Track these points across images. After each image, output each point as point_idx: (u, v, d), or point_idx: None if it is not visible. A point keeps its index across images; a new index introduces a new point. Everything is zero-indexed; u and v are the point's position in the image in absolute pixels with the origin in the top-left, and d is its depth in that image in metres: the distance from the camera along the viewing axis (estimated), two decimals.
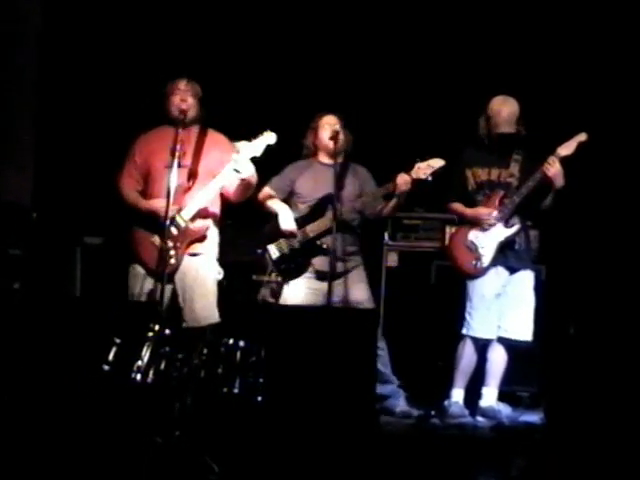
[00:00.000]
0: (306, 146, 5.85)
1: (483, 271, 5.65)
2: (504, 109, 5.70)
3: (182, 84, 5.40)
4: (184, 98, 5.36)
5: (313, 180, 5.72)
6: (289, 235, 5.67)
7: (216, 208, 5.44)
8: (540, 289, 5.83)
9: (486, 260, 5.65)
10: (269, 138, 5.27)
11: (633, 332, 5.69)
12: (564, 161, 5.56)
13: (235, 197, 5.42)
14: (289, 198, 5.80)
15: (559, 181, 5.59)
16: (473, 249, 5.67)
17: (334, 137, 5.57)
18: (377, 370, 5.42)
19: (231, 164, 5.21)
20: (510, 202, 5.64)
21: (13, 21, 6.68)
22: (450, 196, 5.82)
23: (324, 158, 5.74)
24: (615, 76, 6.57)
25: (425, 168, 5.48)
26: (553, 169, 5.55)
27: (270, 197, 5.78)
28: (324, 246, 5.56)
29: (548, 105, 6.36)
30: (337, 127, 5.66)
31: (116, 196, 5.48)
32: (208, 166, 5.35)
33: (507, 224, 5.68)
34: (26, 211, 6.25)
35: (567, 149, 5.58)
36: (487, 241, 5.66)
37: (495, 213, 5.65)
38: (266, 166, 5.47)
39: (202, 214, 5.33)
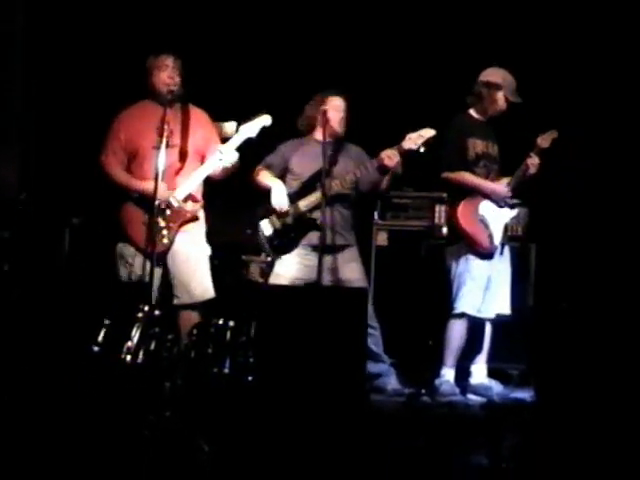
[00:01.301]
0: (305, 118, 5.82)
1: (495, 249, 5.66)
2: (512, 78, 5.69)
3: (169, 60, 5.33)
4: (172, 76, 5.30)
5: (307, 157, 5.70)
6: (280, 212, 5.65)
7: (200, 191, 5.44)
8: (521, 264, 5.91)
9: (497, 238, 5.66)
10: (264, 120, 5.29)
11: (625, 309, 5.70)
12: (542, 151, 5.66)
13: (217, 178, 5.41)
14: (283, 175, 5.78)
15: (536, 172, 5.68)
16: (486, 224, 5.65)
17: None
18: (368, 349, 5.42)
19: (217, 155, 5.24)
20: (512, 184, 5.67)
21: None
22: (454, 164, 5.69)
23: (320, 135, 5.69)
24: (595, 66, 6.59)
25: (416, 138, 5.44)
26: (536, 167, 5.64)
27: (266, 176, 5.76)
28: (317, 221, 5.54)
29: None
30: (343, 111, 5.72)
31: (102, 175, 5.41)
32: (196, 145, 5.35)
33: (510, 206, 5.76)
34: (14, 192, 6.23)
35: (545, 142, 5.65)
36: (497, 219, 5.67)
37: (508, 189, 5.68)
38: (259, 146, 5.48)
39: (193, 197, 5.35)
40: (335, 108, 5.70)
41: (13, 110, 6.69)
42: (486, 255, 5.65)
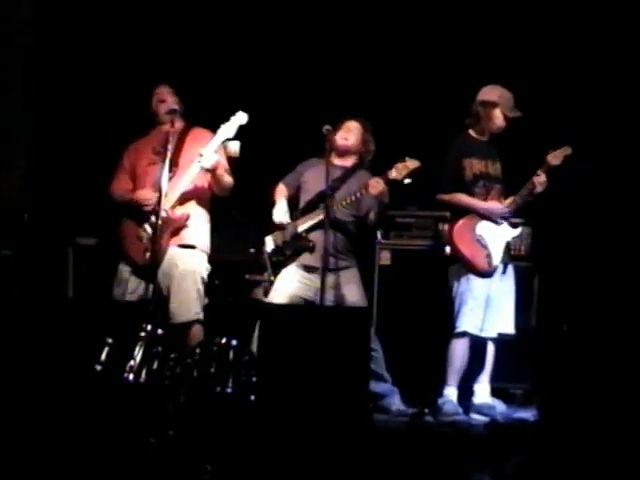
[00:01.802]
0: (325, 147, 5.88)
1: (495, 269, 5.65)
2: (510, 95, 5.71)
3: (161, 87, 5.65)
4: (165, 100, 5.59)
5: (318, 176, 5.70)
6: (280, 227, 5.72)
7: (204, 205, 5.57)
8: (524, 284, 5.87)
9: (496, 258, 5.65)
10: (240, 119, 5.42)
11: (626, 329, 5.69)
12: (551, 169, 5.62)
13: (217, 190, 5.55)
14: (298, 191, 5.86)
15: (543, 190, 5.64)
16: (484, 244, 5.65)
17: (326, 135, 5.59)
18: (371, 369, 5.42)
19: (197, 158, 5.37)
20: (513, 202, 5.66)
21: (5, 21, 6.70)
22: (449, 186, 5.71)
23: (335, 158, 5.74)
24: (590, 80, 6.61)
25: (401, 168, 5.45)
26: (543, 185, 5.60)
27: (278, 193, 5.85)
28: (310, 244, 5.58)
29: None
30: (352, 131, 5.75)
31: (110, 202, 5.64)
32: (189, 158, 5.46)
33: (512, 224, 5.71)
34: (17, 212, 6.25)
35: (556, 159, 5.62)
36: (497, 238, 5.66)
37: (505, 208, 5.67)
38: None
39: (181, 202, 5.44)
40: (346, 130, 5.76)
41: (17, 133, 6.72)
42: (485, 275, 5.64)
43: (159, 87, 5.66)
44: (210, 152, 5.37)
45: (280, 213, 5.73)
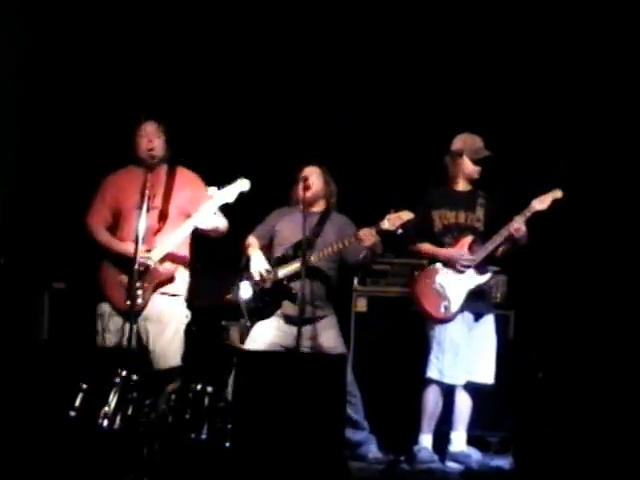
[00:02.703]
0: (290, 196, 5.90)
1: (452, 316, 5.65)
2: (476, 138, 5.76)
3: (148, 126, 5.46)
4: (151, 140, 5.43)
5: (291, 225, 5.74)
6: (259, 279, 5.69)
7: (186, 251, 5.50)
8: (500, 332, 5.86)
9: (455, 306, 5.64)
10: (242, 185, 5.38)
11: (602, 377, 5.70)
12: (535, 215, 5.60)
13: (211, 235, 5.48)
14: (271, 242, 5.85)
15: (523, 240, 5.64)
16: (442, 292, 5.67)
17: (304, 187, 5.61)
18: (348, 417, 5.40)
19: (193, 219, 5.32)
20: (482, 249, 5.66)
21: None
22: (416, 238, 5.78)
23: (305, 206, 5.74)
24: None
25: (394, 219, 5.49)
26: (520, 232, 5.58)
27: (250, 245, 5.84)
28: (293, 291, 5.57)
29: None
30: (311, 176, 5.72)
31: (86, 235, 5.50)
32: (179, 205, 5.43)
33: (479, 271, 5.70)
34: None
35: (542, 204, 5.61)
36: (457, 286, 5.66)
37: (468, 254, 5.67)
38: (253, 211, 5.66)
39: (171, 257, 5.37)
40: (307, 175, 5.73)
41: None
42: (440, 322, 5.65)
43: (146, 124, 5.48)
44: (208, 214, 5.32)
45: (258, 265, 5.71)
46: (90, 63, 6.95)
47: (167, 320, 5.37)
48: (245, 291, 5.72)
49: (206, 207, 5.33)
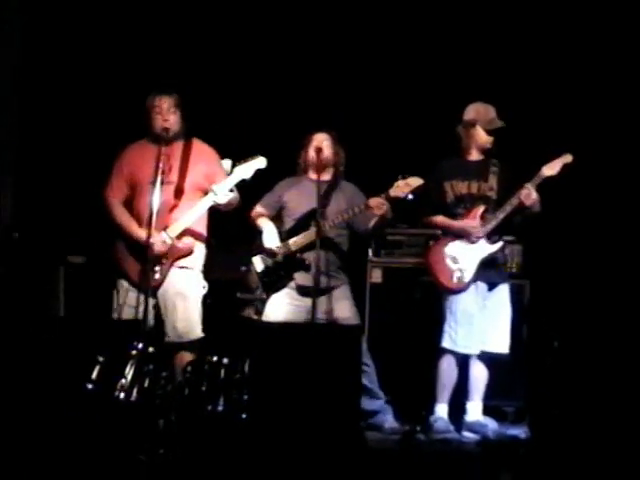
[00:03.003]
0: (298, 163, 5.88)
1: (465, 286, 5.64)
2: (490, 108, 5.72)
3: (163, 101, 5.40)
4: (166, 116, 5.38)
5: (300, 195, 5.74)
6: (271, 253, 5.68)
7: (202, 227, 5.50)
8: (515, 301, 5.84)
9: (468, 275, 5.63)
10: (259, 162, 5.38)
11: (617, 345, 5.69)
12: (546, 181, 5.57)
13: (223, 209, 5.45)
14: (279, 213, 5.84)
15: (536, 207, 5.62)
16: (455, 263, 5.66)
17: (317, 152, 5.61)
18: (363, 386, 5.41)
19: (210, 196, 5.31)
20: (493, 218, 5.64)
21: None
22: (429, 209, 5.78)
23: (313, 174, 5.72)
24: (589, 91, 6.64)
25: (403, 186, 5.48)
26: (530, 199, 5.55)
27: (260, 215, 5.83)
28: (306, 262, 5.58)
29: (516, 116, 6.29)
30: (323, 143, 5.72)
31: (103, 209, 5.48)
32: (195, 181, 5.41)
33: (490, 240, 5.68)
34: (7, 230, 6.24)
35: (551, 169, 5.58)
36: (470, 256, 5.65)
37: (481, 226, 5.65)
38: (259, 183, 5.57)
39: (188, 232, 5.37)
40: (313, 142, 5.75)
41: (7, 146, 6.71)
42: (453, 292, 5.64)
43: (160, 98, 5.42)
44: (225, 189, 5.31)
45: (270, 238, 5.71)
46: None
47: (187, 294, 5.37)
48: (258, 264, 5.73)
49: (224, 184, 5.33)
